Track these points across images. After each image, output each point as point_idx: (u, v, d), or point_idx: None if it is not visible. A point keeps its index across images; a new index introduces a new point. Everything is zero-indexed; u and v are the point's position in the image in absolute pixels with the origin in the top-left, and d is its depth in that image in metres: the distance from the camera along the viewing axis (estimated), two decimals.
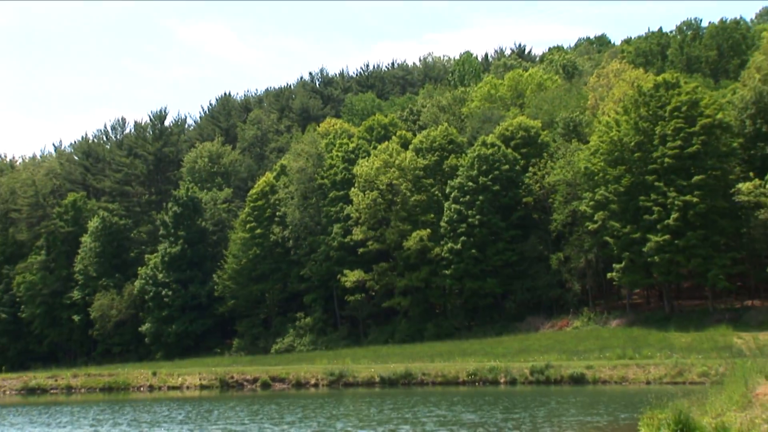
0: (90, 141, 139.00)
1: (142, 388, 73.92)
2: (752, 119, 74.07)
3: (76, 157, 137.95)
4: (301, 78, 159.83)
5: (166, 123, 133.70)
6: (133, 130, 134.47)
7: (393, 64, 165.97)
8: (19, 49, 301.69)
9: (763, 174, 68.66)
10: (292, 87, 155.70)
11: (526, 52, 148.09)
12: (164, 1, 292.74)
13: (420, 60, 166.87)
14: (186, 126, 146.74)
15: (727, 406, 23.83)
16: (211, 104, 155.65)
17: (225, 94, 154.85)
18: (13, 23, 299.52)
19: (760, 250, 71.37)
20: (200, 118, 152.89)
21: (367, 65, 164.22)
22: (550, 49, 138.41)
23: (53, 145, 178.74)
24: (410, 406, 43.05)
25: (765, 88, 73.45)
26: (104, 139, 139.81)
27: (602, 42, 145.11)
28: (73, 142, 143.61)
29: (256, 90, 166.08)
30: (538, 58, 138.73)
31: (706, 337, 64.05)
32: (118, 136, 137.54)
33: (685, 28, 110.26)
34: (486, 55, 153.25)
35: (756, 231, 70.45)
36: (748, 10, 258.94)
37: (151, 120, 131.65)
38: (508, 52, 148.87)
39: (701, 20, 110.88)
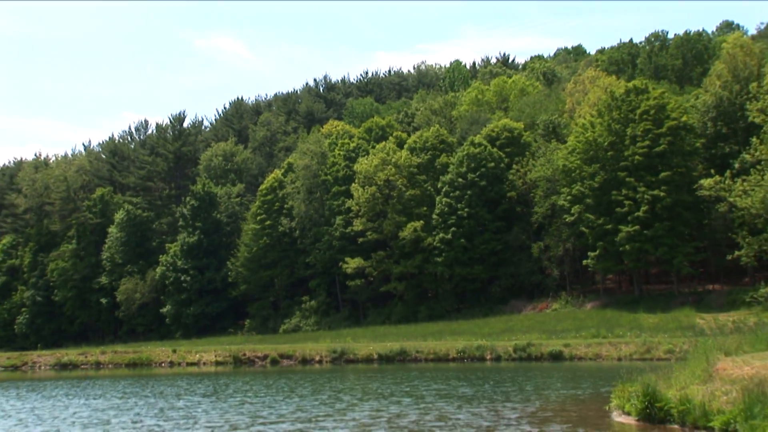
0: (116, 141, 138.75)
1: (163, 364, 73.83)
2: (713, 122, 74.17)
3: (103, 156, 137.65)
4: (307, 84, 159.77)
5: (185, 125, 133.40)
6: (154, 131, 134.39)
7: (390, 71, 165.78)
8: (53, 58, 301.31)
9: (723, 171, 68.66)
10: (298, 92, 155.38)
11: (510, 60, 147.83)
12: (182, 15, 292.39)
13: (414, 68, 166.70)
14: (202, 127, 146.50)
15: (690, 380, 23.94)
16: (225, 108, 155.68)
17: (237, 98, 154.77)
18: (47, 36, 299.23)
19: (719, 239, 71.53)
20: (215, 120, 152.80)
21: (366, 72, 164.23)
22: (531, 58, 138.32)
23: (83, 144, 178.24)
24: (408, 381, 43.00)
25: (725, 94, 73.52)
26: (129, 139, 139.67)
27: (578, 52, 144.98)
28: (101, 142, 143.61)
29: (266, 95, 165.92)
30: (520, 66, 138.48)
31: (671, 318, 64.14)
32: (142, 137, 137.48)
33: (653, 39, 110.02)
34: (474, 63, 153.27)
35: (716, 222, 70.64)
36: (709, 24, 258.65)
37: (171, 122, 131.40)
38: (493, 60, 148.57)
39: (668, 32, 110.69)
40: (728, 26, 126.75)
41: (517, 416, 26.64)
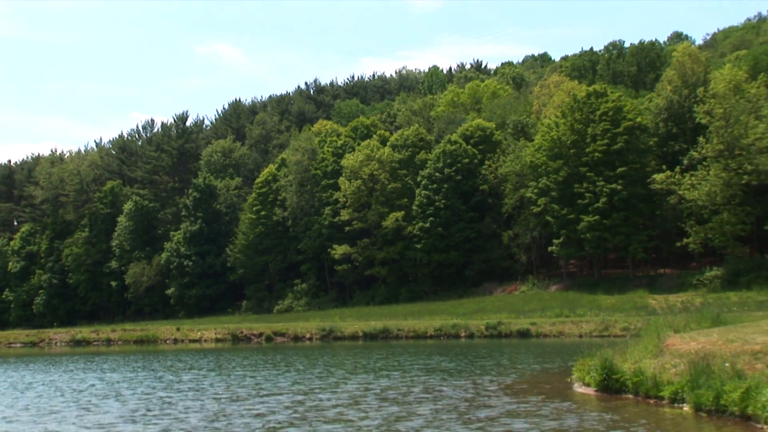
0: (125, 138, 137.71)
1: (167, 341, 73.72)
2: (665, 122, 74.71)
3: (113, 152, 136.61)
4: (298, 87, 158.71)
5: (187, 124, 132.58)
6: (160, 130, 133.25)
7: (374, 75, 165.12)
8: (67, 63, 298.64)
9: (673, 167, 69.40)
10: (290, 94, 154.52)
11: (483, 66, 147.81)
12: (185, 25, 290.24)
13: (396, 73, 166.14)
14: (203, 126, 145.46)
15: (643, 355, 24.22)
16: (224, 108, 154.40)
17: (235, 100, 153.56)
18: (62, 43, 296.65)
19: (670, 228, 72.11)
20: (215, 119, 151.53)
21: (353, 77, 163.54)
22: (502, 64, 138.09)
23: (95, 141, 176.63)
24: (394, 356, 42.97)
25: (675, 98, 74.07)
26: (137, 137, 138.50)
27: (544, 59, 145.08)
28: (111, 140, 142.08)
29: (261, 97, 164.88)
30: (492, 72, 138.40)
31: (627, 299, 64.64)
32: (148, 135, 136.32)
33: (611, 48, 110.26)
34: (450, 68, 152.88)
35: (667, 213, 71.24)
36: (661, 34, 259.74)
37: (175, 121, 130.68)
38: (468, 66, 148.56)
39: (624, 42, 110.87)
40: (678, 37, 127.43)
41: (495, 388, 26.93)
